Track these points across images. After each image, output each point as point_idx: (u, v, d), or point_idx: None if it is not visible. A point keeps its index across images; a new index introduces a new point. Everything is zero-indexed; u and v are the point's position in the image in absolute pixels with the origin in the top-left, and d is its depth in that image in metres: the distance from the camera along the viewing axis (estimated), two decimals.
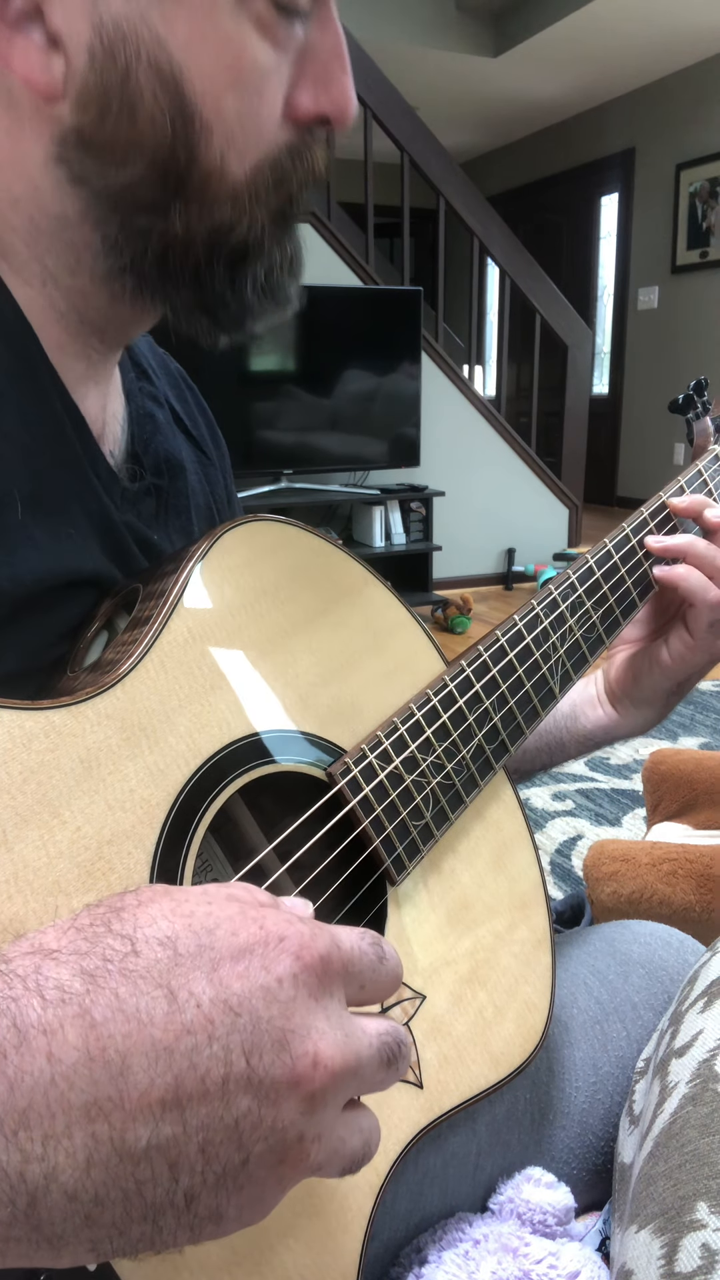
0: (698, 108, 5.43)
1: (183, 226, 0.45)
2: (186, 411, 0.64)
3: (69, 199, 0.44)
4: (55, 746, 0.38)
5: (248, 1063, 0.28)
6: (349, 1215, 0.43)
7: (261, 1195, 0.30)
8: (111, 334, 0.50)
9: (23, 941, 0.29)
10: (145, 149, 0.42)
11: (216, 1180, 0.28)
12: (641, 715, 0.71)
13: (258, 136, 0.44)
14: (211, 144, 0.43)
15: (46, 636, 0.45)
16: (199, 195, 0.44)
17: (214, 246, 0.46)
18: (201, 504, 0.62)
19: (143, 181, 0.43)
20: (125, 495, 0.52)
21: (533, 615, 0.59)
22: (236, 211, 0.45)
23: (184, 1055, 0.28)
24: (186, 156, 0.43)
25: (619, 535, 0.65)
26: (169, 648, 0.43)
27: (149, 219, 0.44)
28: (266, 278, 0.48)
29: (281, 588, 0.49)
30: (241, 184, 0.45)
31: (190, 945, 0.29)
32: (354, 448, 3.73)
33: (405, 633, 0.55)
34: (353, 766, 0.48)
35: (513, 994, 0.53)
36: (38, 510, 0.44)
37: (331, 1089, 0.30)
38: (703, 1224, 0.39)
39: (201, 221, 0.45)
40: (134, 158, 0.42)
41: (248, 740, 0.45)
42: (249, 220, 0.46)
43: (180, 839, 0.40)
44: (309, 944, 0.31)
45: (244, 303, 0.48)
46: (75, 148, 0.42)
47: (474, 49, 5.23)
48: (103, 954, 0.29)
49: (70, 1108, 0.26)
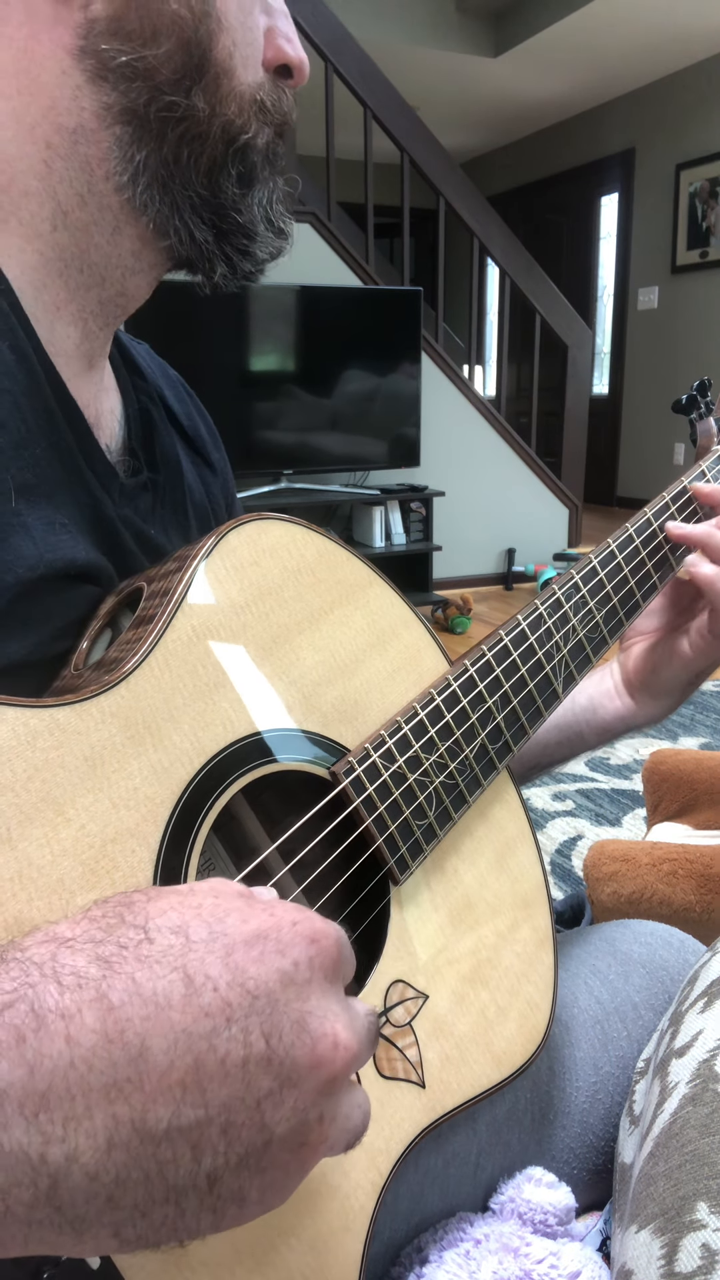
0: (698, 108, 5.43)
1: (205, 109, 0.48)
2: (185, 414, 0.64)
3: (89, 101, 0.46)
4: (60, 744, 0.38)
5: (267, 1044, 0.29)
6: (351, 1215, 0.43)
7: (284, 1177, 0.30)
8: (111, 286, 0.51)
9: (37, 932, 0.30)
10: (174, 28, 0.46)
11: (239, 1161, 0.28)
12: (659, 705, 0.71)
13: (254, 50, 0.49)
14: (223, 41, 0.47)
15: (46, 629, 0.45)
16: (214, 87, 0.48)
17: (229, 144, 0.49)
18: (198, 501, 0.62)
19: (171, 60, 0.46)
20: (123, 490, 0.52)
21: (535, 615, 0.59)
22: (244, 115, 0.49)
23: (203, 1037, 0.28)
24: (206, 41, 0.47)
25: (622, 536, 0.65)
26: (173, 646, 0.43)
27: (174, 96, 0.47)
28: (269, 203, 0.52)
29: (286, 587, 0.49)
30: (247, 90, 0.49)
31: (202, 933, 0.30)
32: (354, 448, 3.74)
33: (409, 632, 0.55)
34: (356, 765, 0.48)
35: (515, 993, 0.53)
36: (31, 499, 0.44)
37: (347, 1069, 0.31)
38: (703, 1224, 0.39)
39: (217, 113, 0.48)
40: (163, 36, 0.46)
41: (251, 739, 0.45)
42: (256, 129, 0.50)
43: (184, 837, 0.40)
44: (323, 930, 0.32)
45: (251, 221, 0.51)
46: (105, 34, 0.45)
47: (474, 49, 5.23)
48: (118, 941, 0.29)
49: (90, 1090, 0.26)
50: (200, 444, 0.65)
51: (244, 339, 3.52)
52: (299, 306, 3.55)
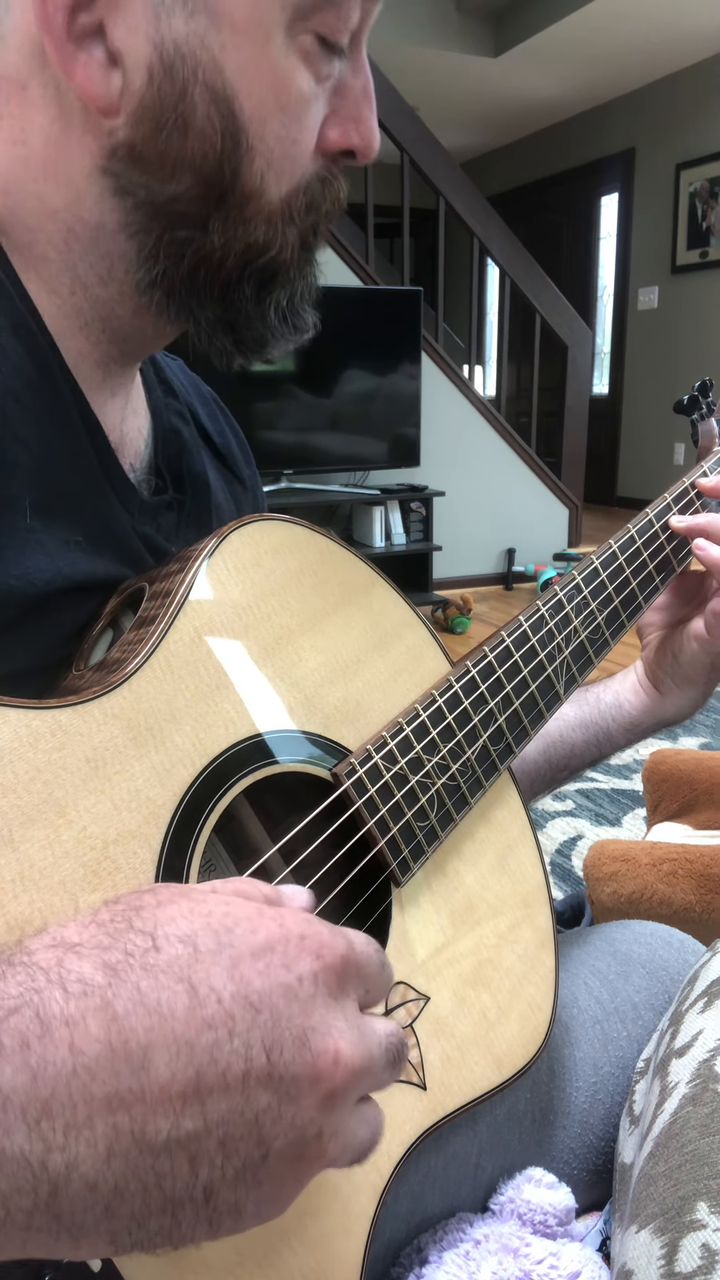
0: (698, 108, 5.43)
1: (220, 242, 0.46)
2: (217, 430, 0.65)
3: (109, 210, 0.45)
4: (62, 746, 0.38)
5: (268, 1058, 0.29)
6: (352, 1217, 0.43)
7: (280, 1191, 0.30)
8: (132, 346, 0.51)
9: (44, 935, 0.30)
10: (193, 165, 0.44)
11: (236, 1175, 0.28)
12: (685, 695, 0.71)
13: (295, 162, 0.47)
14: (254, 165, 0.45)
15: (54, 638, 0.46)
16: (238, 213, 0.46)
17: (245, 265, 0.48)
18: (226, 520, 0.62)
19: (187, 195, 0.45)
20: (144, 508, 0.52)
21: (537, 617, 0.59)
22: (270, 233, 0.47)
23: (205, 1050, 0.28)
24: (231, 174, 0.45)
25: (624, 536, 0.65)
26: (175, 647, 0.43)
27: (188, 231, 0.46)
28: (289, 303, 0.50)
29: (288, 588, 0.49)
30: (277, 206, 0.47)
31: (210, 943, 0.30)
32: (354, 448, 3.73)
33: (411, 633, 0.55)
34: (358, 767, 0.48)
35: (516, 995, 0.53)
36: (46, 515, 0.44)
37: (350, 1087, 0.30)
38: (703, 1224, 0.39)
39: (237, 239, 0.47)
40: (182, 172, 0.44)
41: (253, 740, 0.45)
42: (280, 242, 0.48)
43: (186, 839, 0.40)
44: (329, 943, 0.31)
45: (267, 324, 0.50)
46: (125, 160, 0.44)
47: (474, 49, 5.23)
48: (124, 949, 0.29)
49: (92, 1099, 0.26)
50: (231, 460, 0.66)
51: None
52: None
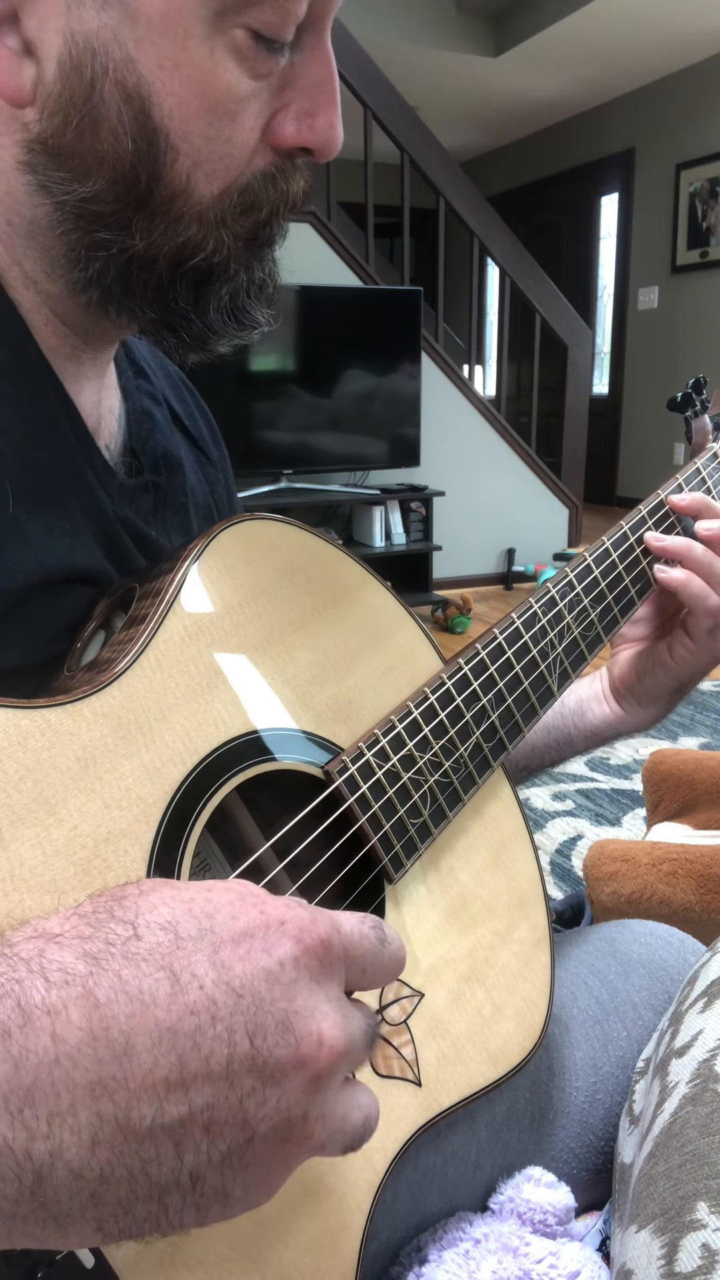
0: (698, 108, 5.43)
1: (144, 243, 0.44)
2: (186, 412, 0.64)
3: (38, 205, 0.44)
4: (52, 745, 0.38)
5: (251, 1043, 0.29)
6: (348, 1213, 0.43)
7: (267, 1175, 0.30)
8: (95, 338, 0.50)
9: (26, 927, 0.30)
10: (106, 163, 0.42)
11: (222, 1159, 0.28)
12: (646, 712, 0.71)
13: (228, 160, 0.44)
14: (178, 164, 0.43)
15: (43, 633, 0.46)
16: (163, 213, 0.44)
17: (177, 265, 0.45)
18: (200, 502, 0.62)
19: (103, 196, 0.43)
20: (122, 490, 0.52)
21: (530, 614, 0.59)
22: (202, 232, 0.45)
23: (187, 1036, 0.28)
24: (149, 175, 0.43)
25: (617, 534, 0.65)
26: (165, 646, 0.43)
27: (109, 234, 0.44)
28: (232, 300, 0.48)
29: (278, 586, 0.49)
30: (208, 205, 0.44)
31: (191, 929, 0.30)
32: (354, 448, 3.73)
33: (402, 631, 0.54)
34: (350, 764, 0.48)
35: (512, 992, 0.53)
36: (29, 503, 0.44)
37: (335, 1069, 0.31)
38: (703, 1224, 0.39)
39: (165, 239, 0.44)
40: (96, 171, 0.42)
41: (244, 738, 0.45)
42: (214, 241, 0.45)
43: (177, 837, 0.40)
44: (309, 927, 0.32)
45: (207, 323, 0.48)
46: (41, 155, 0.43)
47: (474, 49, 5.23)
48: (105, 938, 0.29)
49: (75, 1086, 0.26)
50: (201, 440, 0.65)
51: None
52: (299, 306, 3.54)
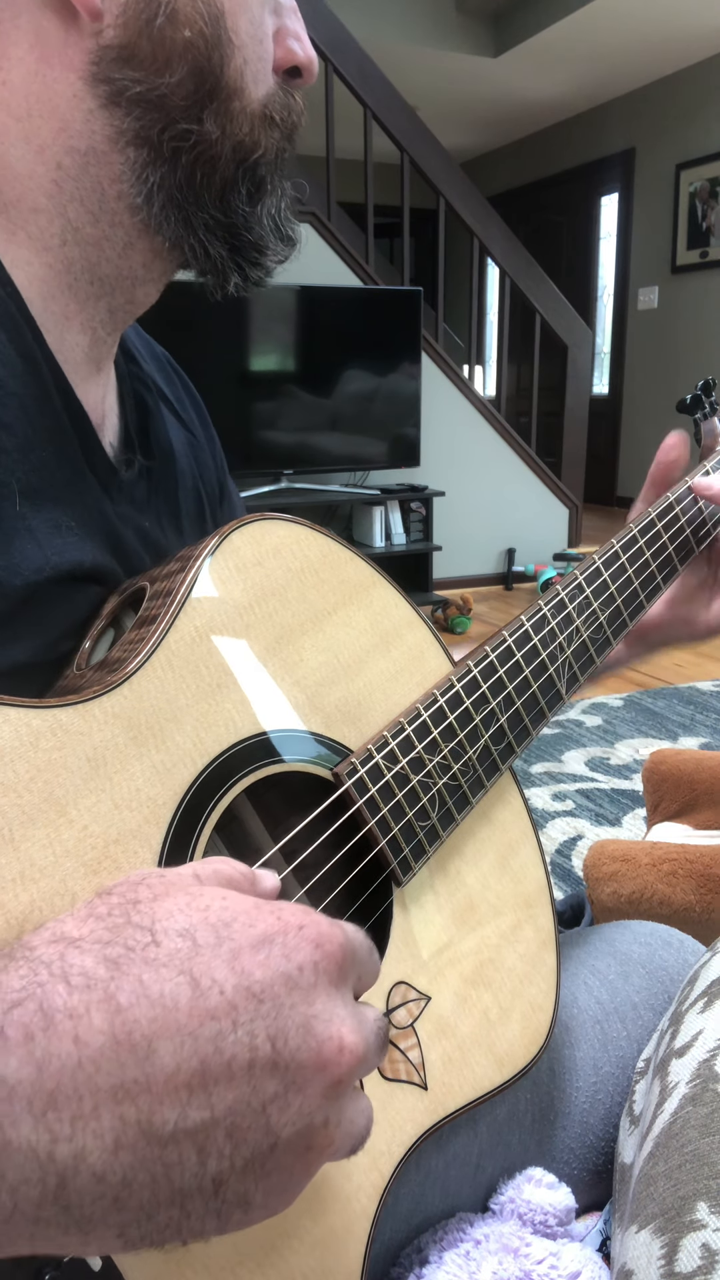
0: (698, 108, 5.43)
1: (216, 135, 0.47)
2: (174, 394, 0.65)
3: (100, 126, 0.46)
4: (62, 745, 0.37)
5: (273, 1047, 0.29)
6: (353, 1217, 0.43)
7: (289, 1181, 0.30)
8: (121, 300, 0.51)
9: (44, 930, 0.30)
10: (186, 54, 0.45)
11: (245, 1165, 0.28)
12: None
13: (264, 64, 0.48)
14: (234, 59, 0.47)
15: (52, 631, 0.46)
16: (226, 108, 0.47)
17: (239, 164, 0.49)
18: (190, 487, 0.62)
19: (182, 88, 0.46)
20: (120, 486, 0.52)
21: (539, 617, 0.59)
22: (256, 133, 0.49)
23: (209, 1040, 0.28)
24: (220, 64, 0.46)
25: (626, 537, 0.65)
26: (176, 646, 0.43)
27: (186, 124, 0.46)
28: (278, 211, 0.51)
29: (289, 587, 0.49)
30: (257, 108, 0.48)
31: (209, 937, 0.30)
32: (354, 448, 3.73)
33: (412, 632, 0.54)
34: (359, 767, 0.48)
35: (518, 995, 0.53)
36: (36, 502, 0.44)
37: (353, 1073, 0.31)
38: (703, 1224, 0.39)
39: (233, 131, 0.48)
40: (176, 63, 0.45)
41: (254, 739, 0.45)
42: (266, 144, 0.49)
43: (186, 838, 0.40)
44: (328, 933, 0.32)
45: (263, 231, 0.51)
46: (114, 61, 0.45)
47: (474, 49, 5.23)
48: (125, 943, 0.29)
49: (97, 1090, 0.26)
50: (189, 421, 0.66)
51: (244, 339, 3.51)
52: (299, 306, 3.54)
